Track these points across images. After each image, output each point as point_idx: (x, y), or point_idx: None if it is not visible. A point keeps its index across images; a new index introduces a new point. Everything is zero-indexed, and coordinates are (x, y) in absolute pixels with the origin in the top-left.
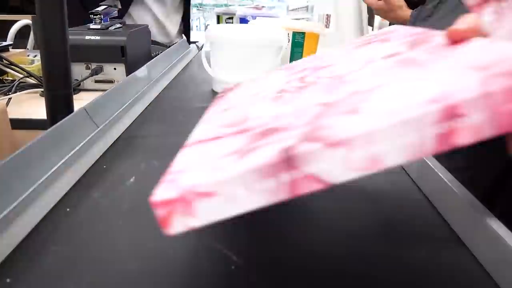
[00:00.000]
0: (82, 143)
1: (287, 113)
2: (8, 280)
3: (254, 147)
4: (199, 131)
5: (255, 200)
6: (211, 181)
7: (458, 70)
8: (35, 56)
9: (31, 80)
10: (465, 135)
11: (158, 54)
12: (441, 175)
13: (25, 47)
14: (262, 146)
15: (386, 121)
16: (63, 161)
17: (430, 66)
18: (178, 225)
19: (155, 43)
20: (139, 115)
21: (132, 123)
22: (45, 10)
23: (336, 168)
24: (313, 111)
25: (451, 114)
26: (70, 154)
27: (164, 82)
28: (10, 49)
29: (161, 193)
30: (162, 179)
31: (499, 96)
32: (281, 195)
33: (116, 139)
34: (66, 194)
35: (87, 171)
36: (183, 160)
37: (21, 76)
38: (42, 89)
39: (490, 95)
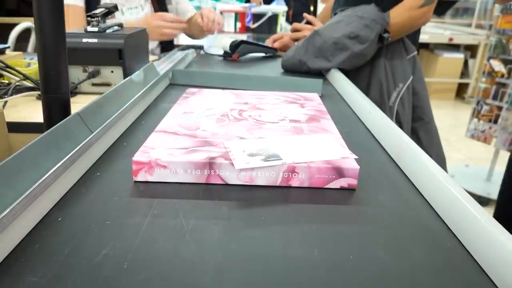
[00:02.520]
0: (75, 150)
1: (220, 134)
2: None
3: (195, 149)
4: (165, 123)
5: (186, 178)
6: (167, 160)
7: (314, 149)
8: (31, 59)
9: (28, 83)
10: (296, 182)
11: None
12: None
13: (25, 50)
14: (200, 150)
15: (263, 163)
16: (54, 168)
17: (307, 139)
18: (141, 177)
19: None
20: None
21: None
22: (42, 12)
23: (232, 176)
24: (234, 139)
25: (292, 170)
26: (62, 161)
27: (160, 88)
28: (7, 52)
29: (138, 156)
30: (140, 148)
31: (315, 169)
32: (200, 180)
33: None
34: (58, 203)
35: (79, 178)
36: (152, 140)
37: (18, 79)
38: (38, 92)
39: (310, 167)
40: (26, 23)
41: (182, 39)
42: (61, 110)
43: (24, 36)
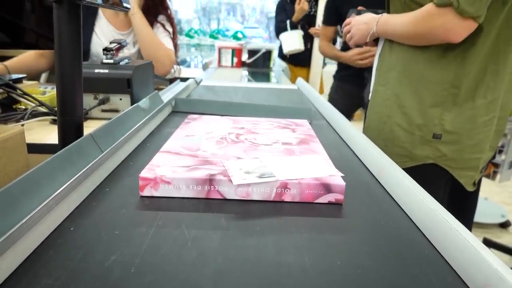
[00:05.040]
0: (87, 167)
1: (219, 155)
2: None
3: (197, 167)
4: (169, 144)
5: (188, 193)
6: (170, 176)
7: (304, 168)
8: (46, 88)
9: (43, 109)
10: (288, 197)
11: (160, 87)
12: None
13: (38, 80)
14: (201, 168)
15: (258, 179)
16: (69, 182)
17: (298, 160)
18: (147, 192)
19: (157, 77)
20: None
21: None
22: (63, 46)
23: (230, 191)
24: (232, 159)
25: (284, 186)
26: (75, 176)
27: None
28: (24, 81)
29: (144, 173)
30: (147, 165)
31: (305, 185)
32: (201, 195)
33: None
34: (70, 214)
35: (90, 193)
36: (157, 159)
37: (34, 105)
38: (52, 117)
39: (301, 184)
40: None
41: (184, 73)
42: (75, 131)
43: None
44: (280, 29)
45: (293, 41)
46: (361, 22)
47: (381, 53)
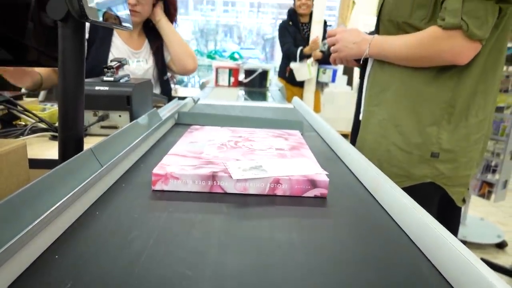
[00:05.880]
0: (87, 180)
1: (220, 157)
2: None
3: (201, 166)
4: (175, 148)
5: (194, 187)
6: (179, 173)
7: (294, 167)
8: (45, 105)
9: (42, 125)
10: (280, 191)
11: (158, 105)
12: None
13: (36, 97)
14: (204, 167)
15: (254, 175)
16: (69, 195)
17: (289, 161)
18: (158, 187)
19: (155, 95)
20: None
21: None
22: (66, 63)
23: (230, 186)
24: (231, 160)
25: (276, 181)
26: (76, 189)
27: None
28: (24, 98)
29: (157, 170)
30: (158, 164)
31: (294, 181)
32: (205, 189)
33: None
34: (70, 226)
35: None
36: (167, 160)
37: (34, 121)
38: (52, 133)
39: (291, 180)
40: None
41: (181, 92)
42: (75, 147)
43: None
44: (291, 52)
45: (304, 72)
46: (350, 41)
47: (371, 74)
